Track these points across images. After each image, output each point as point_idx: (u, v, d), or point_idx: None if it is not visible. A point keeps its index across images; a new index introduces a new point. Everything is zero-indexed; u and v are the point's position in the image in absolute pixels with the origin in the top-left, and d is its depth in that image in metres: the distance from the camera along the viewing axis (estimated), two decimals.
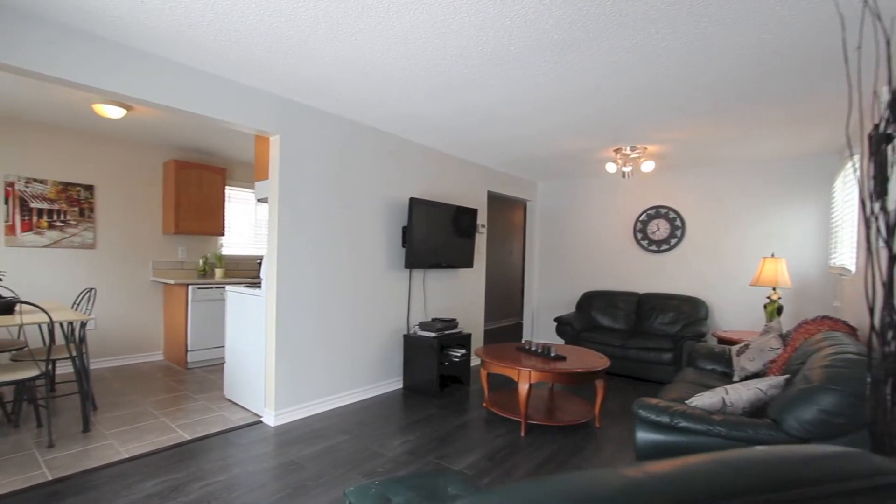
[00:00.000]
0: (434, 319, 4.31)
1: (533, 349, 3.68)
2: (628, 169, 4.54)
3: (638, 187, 5.77)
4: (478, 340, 5.44)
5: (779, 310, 4.12)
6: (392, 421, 3.47)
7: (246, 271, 5.84)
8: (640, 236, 5.71)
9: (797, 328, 3.02)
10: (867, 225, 1.06)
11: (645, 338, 4.81)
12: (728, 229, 5.13)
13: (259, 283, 3.86)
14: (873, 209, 1.06)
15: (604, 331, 5.24)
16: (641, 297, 5.46)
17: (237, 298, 3.75)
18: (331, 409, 3.67)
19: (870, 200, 1.07)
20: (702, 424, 1.99)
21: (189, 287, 4.71)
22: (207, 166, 5.17)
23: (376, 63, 2.68)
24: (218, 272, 5.20)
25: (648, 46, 2.38)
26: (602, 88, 2.97)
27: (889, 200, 1.07)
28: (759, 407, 2.14)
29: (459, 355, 4.32)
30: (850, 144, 3.31)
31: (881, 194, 1.07)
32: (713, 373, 3.44)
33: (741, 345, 3.38)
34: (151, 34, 2.40)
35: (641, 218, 5.71)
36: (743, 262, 5.02)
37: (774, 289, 4.19)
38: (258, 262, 5.51)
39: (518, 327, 8.22)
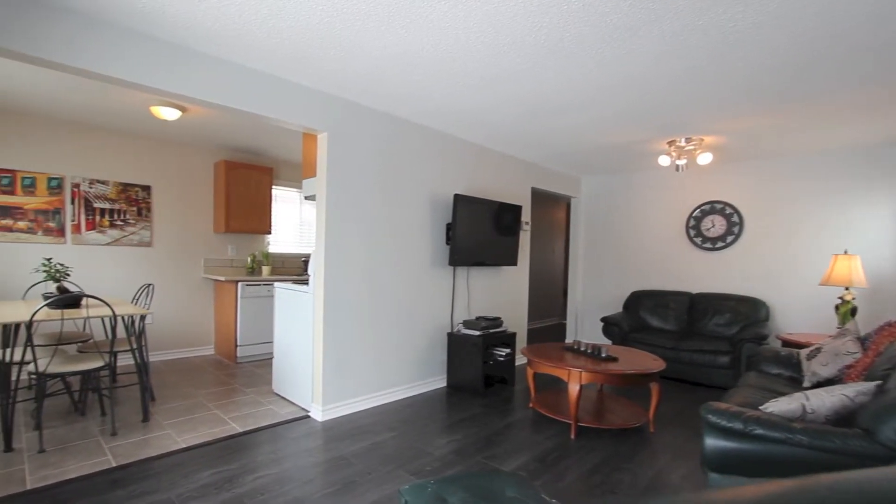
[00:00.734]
0: (478, 318, 4.24)
1: (582, 349, 3.56)
2: (682, 162, 4.32)
3: (690, 182, 5.49)
4: (521, 340, 5.34)
5: (853, 311, 3.81)
6: (437, 419, 3.42)
7: (291, 269, 5.96)
8: (694, 233, 5.44)
9: (879, 331, 2.77)
10: None
11: (699, 339, 4.57)
12: (792, 225, 4.79)
13: (306, 281, 3.91)
14: None
15: (654, 332, 5.02)
16: (694, 297, 5.20)
17: (286, 295, 3.81)
18: (376, 406, 3.67)
19: None
20: (780, 432, 1.84)
21: (238, 284, 4.84)
22: (255, 166, 5.31)
23: (425, 55, 2.64)
24: (265, 270, 5.32)
25: (715, 27, 2.23)
26: (659, 75, 2.82)
27: None
28: (844, 415, 1.96)
29: (504, 354, 4.23)
30: None
31: None
32: (779, 378, 3.21)
33: (811, 348, 3.14)
34: (205, 34, 2.45)
35: (695, 214, 5.43)
36: (809, 261, 4.68)
37: (847, 288, 3.88)
38: (304, 260, 5.61)
39: (560, 327, 8.03)
